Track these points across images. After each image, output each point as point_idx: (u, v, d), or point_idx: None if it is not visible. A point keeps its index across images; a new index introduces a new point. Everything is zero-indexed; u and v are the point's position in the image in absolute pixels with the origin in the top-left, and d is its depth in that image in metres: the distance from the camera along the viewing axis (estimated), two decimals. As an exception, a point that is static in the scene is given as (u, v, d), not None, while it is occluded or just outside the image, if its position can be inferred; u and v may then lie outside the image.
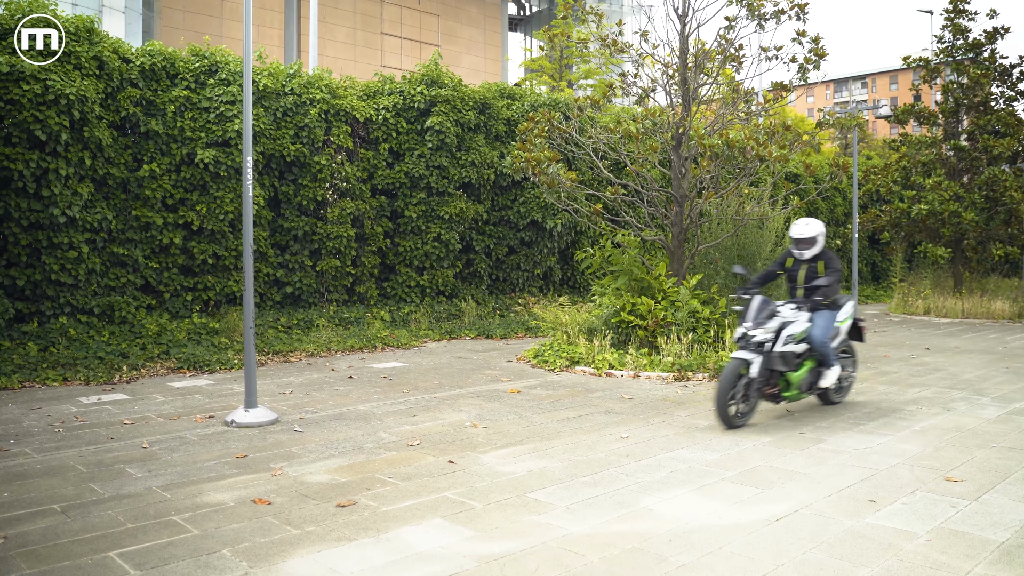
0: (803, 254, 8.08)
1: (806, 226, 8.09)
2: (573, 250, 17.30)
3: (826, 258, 8.10)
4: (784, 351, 7.43)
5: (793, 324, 7.54)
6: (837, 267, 7.97)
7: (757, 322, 7.35)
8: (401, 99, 14.85)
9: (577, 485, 5.66)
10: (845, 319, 8.28)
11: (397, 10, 43.35)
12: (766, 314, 7.42)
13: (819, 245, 8.07)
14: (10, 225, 10.65)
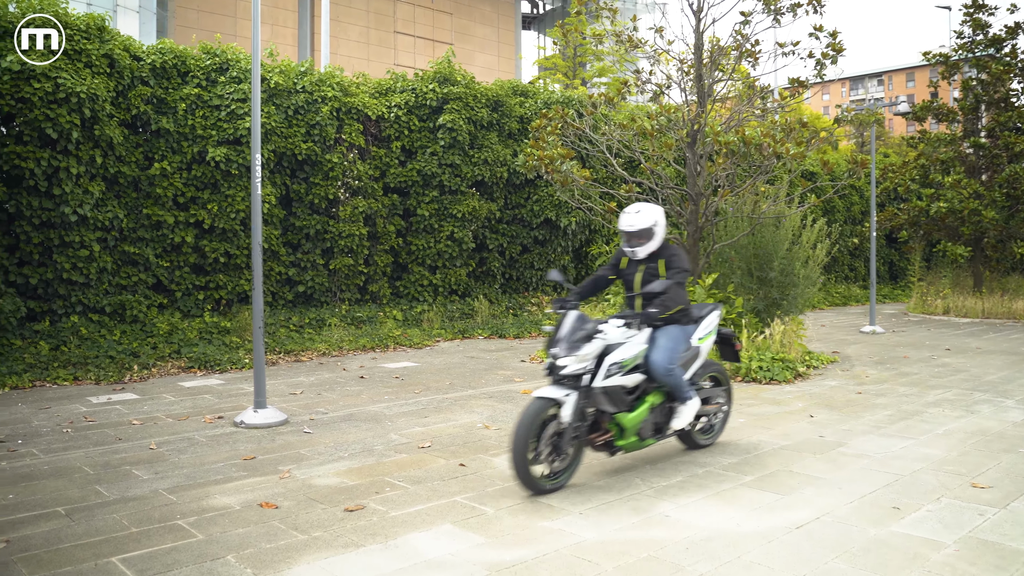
0: (636, 252, 6.08)
1: (637, 214, 6.04)
2: (587, 249, 17.15)
3: (668, 255, 6.08)
4: (608, 385, 5.50)
5: (622, 347, 5.61)
6: (683, 266, 5.99)
7: (569, 346, 5.34)
8: (413, 97, 14.74)
9: (591, 490, 5.52)
10: (706, 335, 6.42)
11: (410, 9, 43.28)
12: (582, 335, 5.37)
13: (657, 238, 6.08)
14: (22, 224, 10.60)
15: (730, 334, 6.98)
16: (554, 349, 5.40)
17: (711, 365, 6.64)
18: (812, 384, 9.74)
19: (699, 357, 6.32)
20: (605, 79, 38.31)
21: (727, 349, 7.06)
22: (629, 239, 6.08)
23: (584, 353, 5.34)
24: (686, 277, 5.99)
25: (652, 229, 6.03)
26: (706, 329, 6.42)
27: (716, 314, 6.61)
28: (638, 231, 6.01)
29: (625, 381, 5.63)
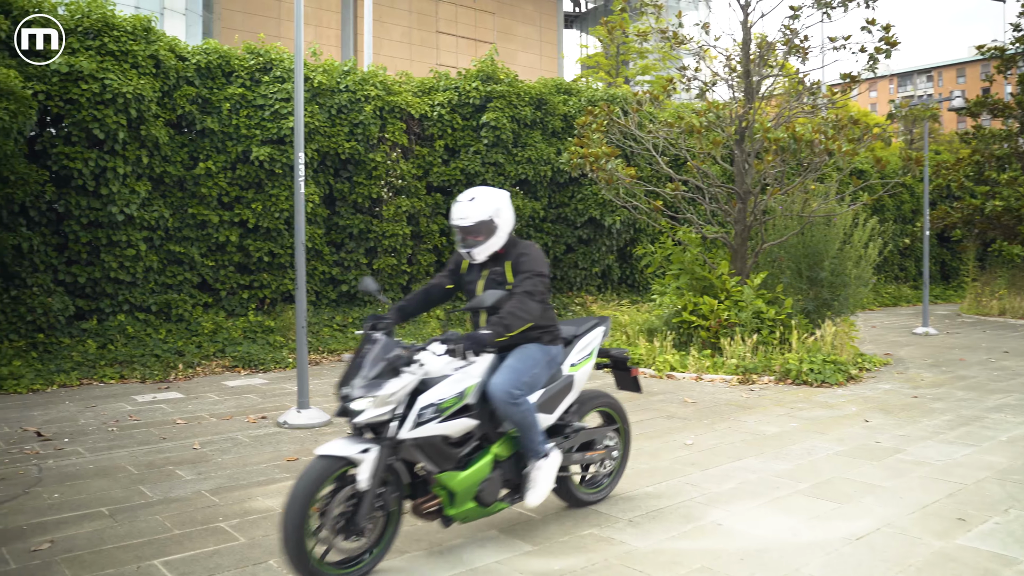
0: (473, 253, 4.53)
1: (470, 203, 4.48)
2: (632, 248, 16.94)
3: (516, 255, 4.52)
4: (422, 436, 4.03)
5: (442, 383, 4.12)
6: (535, 269, 4.44)
7: (367, 383, 3.88)
8: (456, 95, 14.66)
9: (640, 496, 5.37)
10: (583, 360, 4.96)
11: (453, 8, 43.30)
12: (384, 367, 3.92)
13: (501, 234, 4.51)
14: (71, 223, 10.71)
15: (622, 356, 5.42)
16: (345, 388, 3.89)
17: (597, 397, 5.20)
18: (865, 387, 9.47)
19: (572, 389, 4.84)
20: (649, 77, 38.02)
21: (623, 375, 5.50)
22: (463, 236, 4.50)
23: (386, 393, 3.85)
24: (540, 285, 4.41)
25: (492, 222, 4.45)
26: (583, 351, 4.97)
27: (599, 331, 5.14)
28: (473, 225, 4.43)
29: (446, 429, 4.10)
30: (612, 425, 5.28)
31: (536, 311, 4.36)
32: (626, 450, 5.39)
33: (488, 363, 4.41)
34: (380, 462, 3.89)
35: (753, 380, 9.78)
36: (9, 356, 9.76)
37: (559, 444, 4.77)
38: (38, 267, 10.53)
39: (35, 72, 10.39)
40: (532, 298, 4.35)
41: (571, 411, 4.95)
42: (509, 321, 4.21)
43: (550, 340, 4.66)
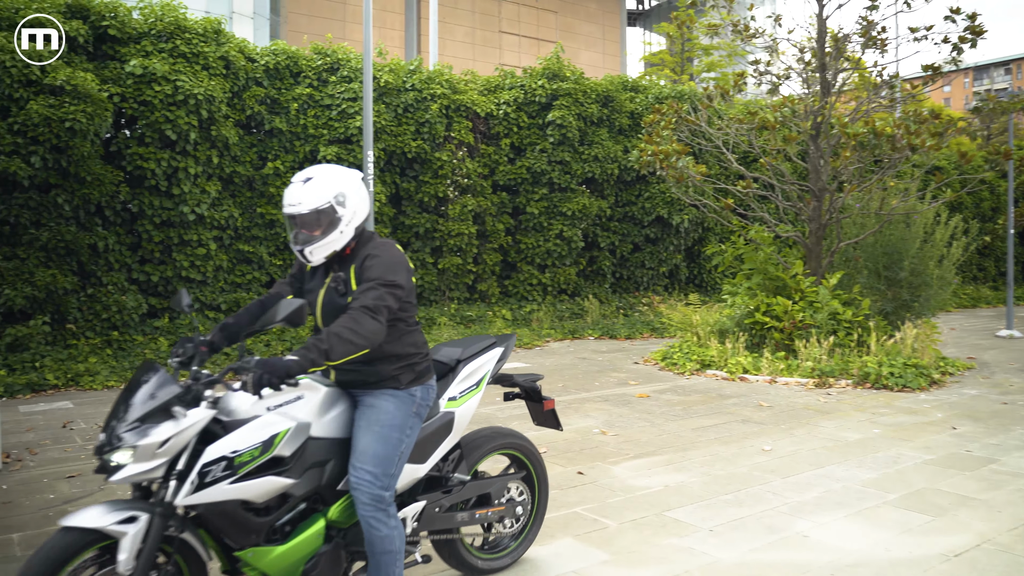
0: (308, 253, 3.35)
1: (305, 185, 3.32)
2: (700, 247, 16.63)
3: (362, 258, 3.36)
4: (209, 502, 3.00)
5: (244, 429, 3.07)
6: (384, 277, 3.26)
7: (132, 428, 2.89)
8: (522, 93, 14.54)
9: (719, 504, 5.17)
10: (468, 392, 3.91)
11: (515, 8, 43.24)
12: (155, 406, 2.92)
13: (343, 229, 3.33)
14: (144, 223, 10.88)
15: (533, 384, 4.28)
16: (103, 434, 2.93)
17: (498, 437, 4.09)
18: (949, 392, 9.08)
19: (452, 429, 3.78)
20: (714, 74, 37.44)
21: (537, 408, 4.36)
22: (296, 229, 3.35)
23: (152, 442, 2.85)
24: (388, 298, 3.21)
25: (333, 210, 3.29)
26: (469, 381, 3.92)
27: (494, 354, 4.06)
28: (307, 214, 3.27)
29: (243, 491, 3.03)
30: (518, 472, 4.19)
31: (374, 334, 3.14)
32: (540, 502, 4.26)
33: (320, 400, 3.30)
34: (152, 537, 2.87)
35: (830, 384, 9.45)
36: (85, 353, 9.94)
37: (436, 501, 3.73)
38: (113, 266, 10.72)
39: (111, 75, 10.58)
40: (371, 316, 3.14)
41: (453, 457, 3.90)
42: (329, 345, 3.02)
43: (413, 379, 3.45)
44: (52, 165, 9.94)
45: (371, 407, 3.36)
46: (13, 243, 9.97)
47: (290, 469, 3.16)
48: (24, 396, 8.81)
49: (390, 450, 3.29)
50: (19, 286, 9.65)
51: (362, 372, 3.37)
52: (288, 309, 3.01)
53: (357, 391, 3.44)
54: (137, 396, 2.95)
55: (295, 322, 3.01)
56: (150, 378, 2.99)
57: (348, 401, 3.43)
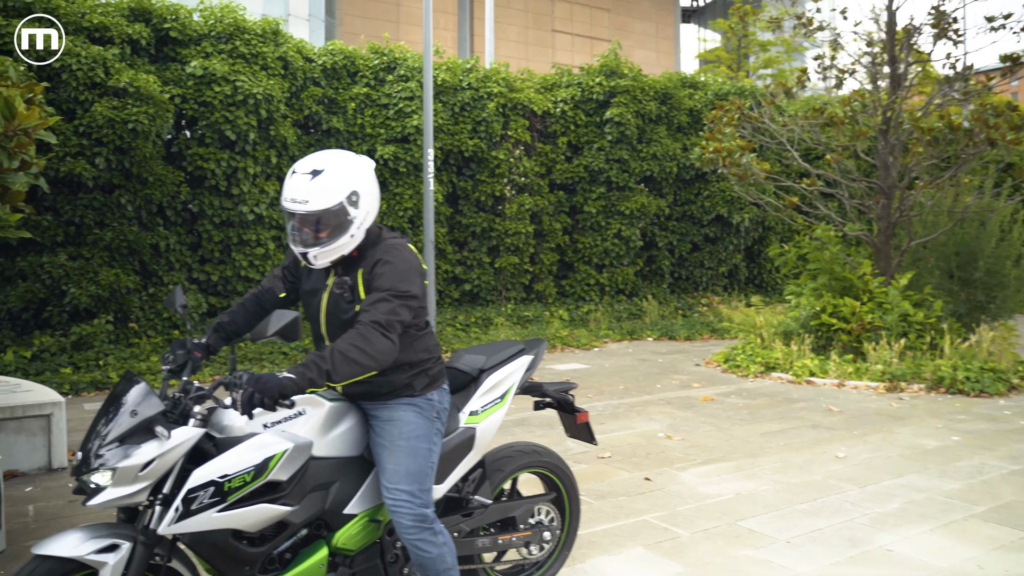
0: (311, 257, 2.98)
1: (313, 179, 2.90)
2: (760, 247, 16.27)
3: (372, 263, 2.99)
4: (196, 532, 2.72)
5: (235, 450, 2.76)
6: (398, 287, 2.91)
7: (107, 445, 2.62)
8: (579, 91, 14.36)
9: (795, 514, 4.95)
10: (491, 406, 3.55)
11: (568, 7, 43.03)
12: (137, 423, 2.64)
13: (353, 231, 2.96)
14: (204, 222, 10.96)
15: (566, 395, 3.89)
16: (80, 452, 2.68)
17: (527, 454, 3.73)
18: (1030, 398, 8.70)
19: (473, 446, 3.43)
20: (771, 71, 36.83)
21: (570, 420, 3.96)
22: (298, 228, 2.98)
23: (133, 463, 2.58)
24: (402, 311, 2.89)
25: (344, 211, 2.92)
26: (493, 393, 3.56)
27: (522, 363, 3.68)
28: (314, 213, 2.89)
29: (233, 520, 2.74)
30: (548, 494, 3.83)
31: (385, 353, 2.82)
32: (571, 527, 3.88)
33: (323, 416, 2.99)
34: (134, 568, 2.62)
35: (901, 388, 9.12)
36: (147, 352, 10.03)
37: (454, 526, 3.39)
38: (173, 265, 10.82)
39: (172, 76, 10.68)
40: (382, 332, 2.81)
41: (474, 477, 3.53)
42: (332, 365, 2.71)
43: (428, 384, 3.15)
44: (115, 166, 10.06)
45: (389, 421, 3.05)
46: (78, 243, 10.11)
47: (288, 495, 2.84)
48: (88, 394, 8.90)
49: (422, 463, 3.02)
50: (84, 285, 9.77)
51: (373, 383, 3.03)
52: (281, 322, 2.73)
53: (367, 403, 3.12)
54: (117, 413, 2.66)
55: (289, 337, 2.74)
56: (131, 392, 2.70)
57: (356, 415, 3.12)
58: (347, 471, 3.08)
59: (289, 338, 2.74)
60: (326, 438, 3.02)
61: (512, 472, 3.66)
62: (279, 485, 2.83)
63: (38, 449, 5.89)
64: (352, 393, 3.11)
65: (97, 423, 2.71)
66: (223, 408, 2.83)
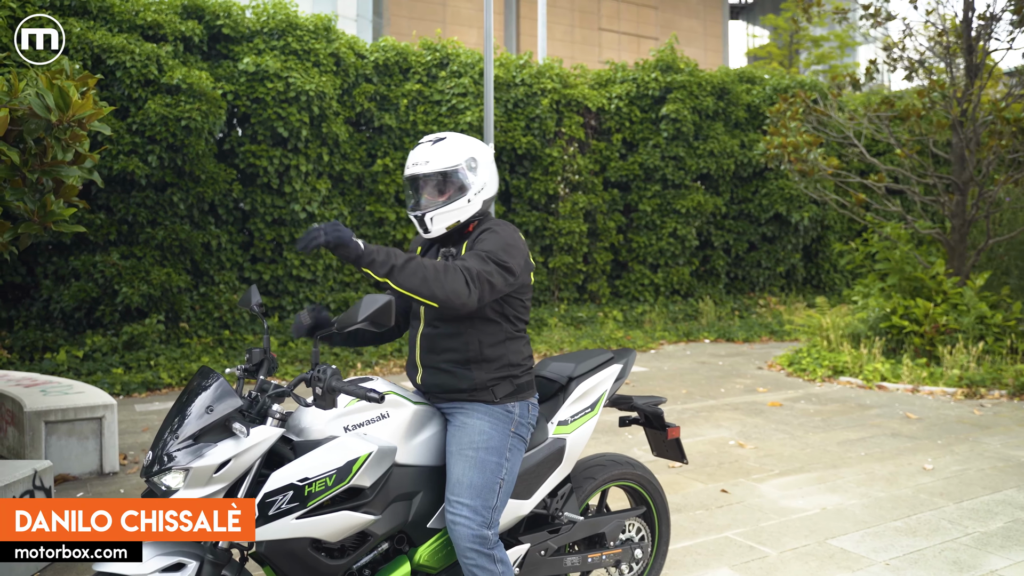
0: (427, 221, 2.87)
1: (434, 145, 2.90)
2: (818, 246, 15.76)
3: (478, 233, 2.87)
4: (272, 540, 2.51)
5: (316, 452, 2.57)
6: (495, 253, 2.73)
7: (181, 445, 2.42)
8: (634, 87, 14.01)
9: (889, 532, 4.59)
10: (578, 418, 3.28)
11: (615, 5, 42.58)
12: (213, 420, 2.44)
13: (470, 199, 2.88)
14: (255, 221, 10.83)
15: (655, 408, 3.60)
16: (151, 452, 2.49)
17: (615, 466, 3.46)
18: (1122, 405, 8.19)
19: (563, 459, 3.18)
20: (823, 66, 36.08)
21: (658, 437, 3.67)
22: (416, 192, 2.91)
23: (208, 464, 2.40)
24: (494, 273, 2.69)
25: (462, 174, 2.86)
26: (583, 402, 3.29)
27: (611, 371, 3.41)
28: (433, 174, 2.85)
29: (314, 528, 2.54)
30: (637, 508, 3.55)
31: (456, 296, 2.57)
32: (661, 544, 3.61)
33: (407, 419, 2.82)
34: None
35: (981, 394, 8.65)
36: (198, 352, 9.92)
37: (541, 543, 3.14)
38: (224, 265, 10.70)
39: (224, 73, 10.56)
40: (466, 278, 2.61)
41: (563, 492, 3.26)
42: (399, 264, 2.51)
43: (510, 393, 2.90)
44: (168, 164, 9.95)
45: (461, 427, 2.84)
46: (130, 242, 10.03)
47: (371, 502, 2.64)
48: (140, 395, 8.79)
49: (488, 478, 2.77)
50: (136, 284, 9.67)
51: (454, 375, 2.85)
52: (371, 307, 2.46)
53: (446, 405, 2.93)
54: (192, 409, 2.49)
55: (381, 323, 2.49)
56: (207, 388, 2.53)
57: (440, 422, 2.94)
58: (430, 481, 2.87)
59: (381, 324, 2.50)
60: (410, 444, 2.82)
61: (600, 485, 3.40)
62: (361, 492, 2.63)
63: (89, 453, 5.73)
64: (431, 383, 2.91)
65: (170, 421, 2.53)
66: (303, 406, 2.63)
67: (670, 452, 3.68)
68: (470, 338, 2.84)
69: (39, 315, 9.75)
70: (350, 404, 2.71)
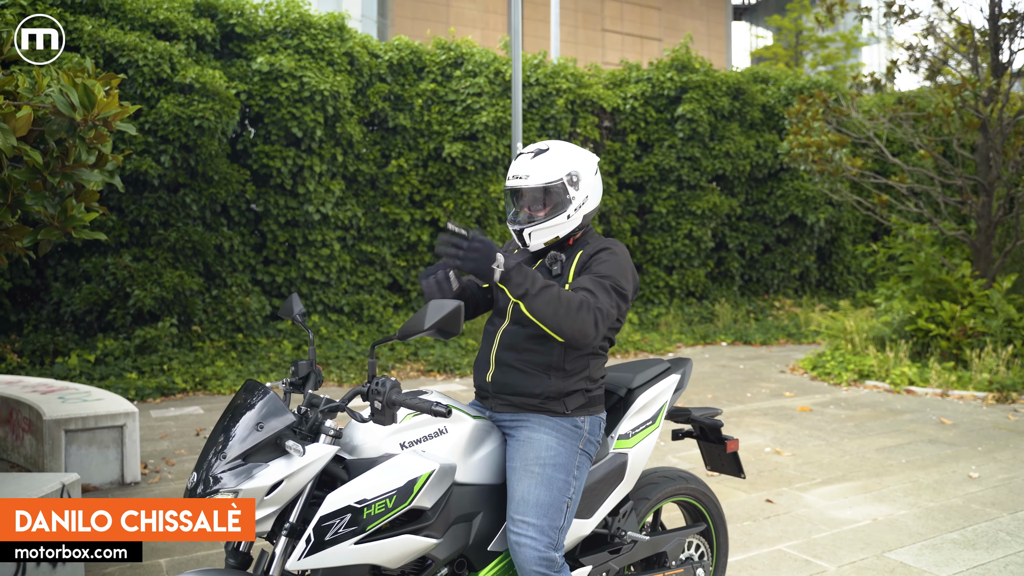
0: (527, 235, 2.72)
1: (536, 157, 2.73)
2: (831, 248, 15.58)
3: (591, 252, 2.71)
4: (329, 567, 2.31)
5: (374, 472, 2.37)
6: (618, 281, 2.59)
7: (230, 465, 2.23)
8: (649, 87, 13.83)
9: (947, 545, 4.42)
10: (643, 429, 3.05)
11: (618, 6, 42.48)
12: (264, 438, 2.25)
13: (572, 213, 2.73)
14: (268, 222, 10.66)
15: (713, 420, 3.40)
16: (195, 473, 2.30)
17: (671, 481, 3.24)
18: None
19: (625, 475, 2.96)
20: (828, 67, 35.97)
21: (714, 451, 3.46)
22: (518, 206, 2.76)
23: (258, 485, 2.20)
24: (619, 303, 2.59)
25: (565, 188, 2.71)
26: (644, 414, 3.07)
27: (670, 382, 3.18)
28: (535, 188, 2.69)
29: (373, 554, 2.34)
30: (697, 525, 3.35)
31: (583, 333, 2.46)
32: (720, 563, 3.41)
33: (467, 434, 2.63)
34: None
35: (1012, 399, 8.48)
36: (212, 356, 9.73)
37: (602, 564, 2.95)
38: (237, 267, 10.52)
39: (237, 72, 10.40)
40: (596, 318, 2.47)
41: (624, 510, 3.02)
42: (536, 290, 2.42)
43: (581, 407, 2.72)
44: (181, 164, 9.78)
45: (526, 442, 2.65)
46: (142, 244, 9.85)
47: (432, 525, 2.44)
48: (154, 400, 8.61)
49: (556, 496, 2.58)
50: (148, 287, 9.49)
51: (530, 377, 2.67)
52: (439, 314, 2.27)
53: (507, 417, 2.73)
54: (239, 426, 2.29)
55: (449, 331, 2.30)
56: (255, 403, 2.34)
57: (499, 437, 2.74)
58: (490, 501, 2.67)
59: (449, 333, 2.31)
60: (469, 461, 2.62)
61: (658, 501, 3.19)
62: (422, 513, 2.44)
63: (111, 462, 5.55)
64: (502, 384, 2.72)
65: (215, 440, 2.32)
66: (359, 421, 2.41)
67: (727, 466, 3.47)
68: (557, 345, 2.66)
69: (49, 318, 9.57)
70: (406, 419, 2.53)
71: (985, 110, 9.48)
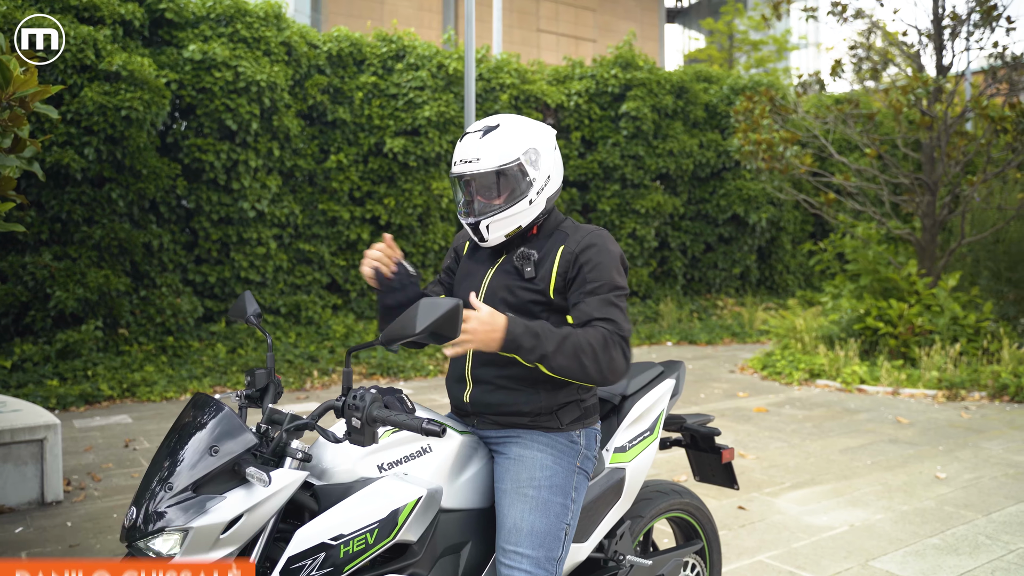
0: (483, 228, 2.34)
1: (485, 136, 2.30)
2: (771, 248, 15.61)
3: (578, 249, 2.30)
4: None
5: (349, 502, 2.03)
6: (618, 283, 2.26)
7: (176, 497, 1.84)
8: (594, 83, 13.64)
9: (930, 551, 4.25)
10: (638, 443, 2.74)
11: (553, 7, 42.37)
12: (220, 464, 1.88)
13: (533, 198, 2.33)
14: (201, 220, 10.13)
15: (707, 428, 3.16)
16: (133, 507, 1.91)
17: (665, 496, 2.96)
18: (1104, 407, 8.09)
19: (622, 492, 2.68)
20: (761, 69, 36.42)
21: (707, 461, 3.21)
22: (468, 194, 2.38)
23: (214, 521, 1.84)
24: (627, 324, 2.24)
25: (522, 169, 2.32)
26: (641, 424, 2.77)
27: (665, 387, 2.89)
28: (486, 173, 2.30)
29: None
30: (693, 544, 3.09)
31: (616, 373, 2.18)
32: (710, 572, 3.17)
33: (453, 453, 2.29)
34: None
35: (961, 396, 8.48)
36: (140, 360, 9.17)
37: None
38: (167, 266, 9.98)
39: (167, 61, 9.85)
40: (623, 349, 2.20)
41: (621, 530, 2.74)
42: (555, 349, 2.11)
43: (576, 419, 2.40)
44: (106, 157, 9.20)
45: (518, 460, 2.30)
46: (64, 242, 9.24)
47: (419, 561, 2.12)
48: (78, 408, 8.04)
49: (553, 523, 2.25)
50: (71, 288, 8.89)
51: (517, 394, 2.31)
52: (432, 315, 1.90)
53: (494, 433, 2.39)
54: (188, 449, 1.91)
55: (443, 334, 1.93)
56: (207, 421, 1.95)
57: (486, 454, 2.41)
58: (479, 527, 2.33)
59: (445, 337, 1.94)
60: (456, 483, 2.28)
61: (652, 519, 2.91)
62: (408, 548, 2.10)
63: (28, 480, 5.04)
64: (483, 404, 2.36)
65: (158, 466, 1.93)
66: (332, 442, 2.04)
67: (718, 477, 3.21)
68: None
69: (-38, 321, 8.91)
70: (384, 436, 2.17)
71: (933, 109, 9.50)
